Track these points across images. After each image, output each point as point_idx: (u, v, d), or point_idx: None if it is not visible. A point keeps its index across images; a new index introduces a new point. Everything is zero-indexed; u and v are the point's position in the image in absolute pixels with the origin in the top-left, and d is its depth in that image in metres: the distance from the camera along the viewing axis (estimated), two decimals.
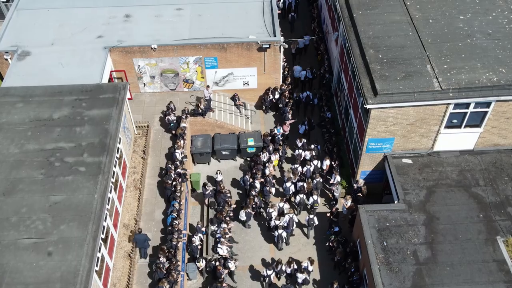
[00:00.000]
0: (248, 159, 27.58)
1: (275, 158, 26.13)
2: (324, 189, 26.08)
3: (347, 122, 26.66)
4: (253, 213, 24.05)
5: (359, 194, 24.17)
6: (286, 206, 24.36)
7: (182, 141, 24.84)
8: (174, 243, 21.14)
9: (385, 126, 22.06)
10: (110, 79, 27.29)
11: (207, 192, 24.35)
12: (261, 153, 26.22)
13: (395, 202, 21.87)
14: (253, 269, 23.45)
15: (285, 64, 30.08)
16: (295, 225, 24.06)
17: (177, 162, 24.10)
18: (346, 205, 23.88)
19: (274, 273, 22.06)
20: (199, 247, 22.84)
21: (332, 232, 23.06)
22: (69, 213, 19.23)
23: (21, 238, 18.54)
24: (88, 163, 20.92)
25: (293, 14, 35.46)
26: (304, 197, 24.76)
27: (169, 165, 23.93)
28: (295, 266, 22.13)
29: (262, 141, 26.92)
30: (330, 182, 25.13)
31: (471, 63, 21.70)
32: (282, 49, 27.15)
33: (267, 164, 25.58)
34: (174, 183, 23.30)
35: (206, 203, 24.99)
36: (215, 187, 24.80)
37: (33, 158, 21.05)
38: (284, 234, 23.50)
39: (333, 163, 25.49)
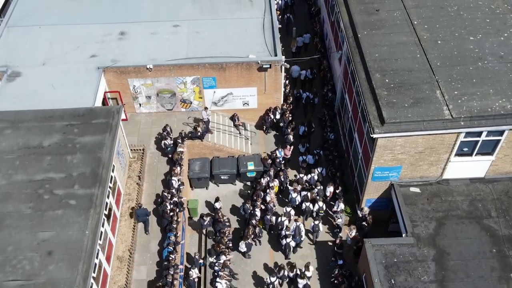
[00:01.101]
0: (248, 183, 26.48)
1: (275, 183, 25.00)
2: (327, 215, 24.99)
3: (351, 145, 25.56)
4: (253, 243, 22.93)
5: (364, 223, 23.07)
6: (292, 212, 23.81)
7: (178, 168, 23.74)
8: (169, 280, 20.03)
9: (392, 155, 20.96)
10: (104, 100, 26.20)
11: (205, 223, 23.26)
12: (261, 178, 25.10)
13: (403, 235, 20.77)
14: (256, 276, 22.95)
15: (286, 82, 28.97)
16: (303, 235, 23.21)
17: (174, 190, 22.98)
18: (351, 235, 22.79)
19: (277, 279, 21.42)
20: (196, 280, 21.74)
21: (336, 265, 21.95)
22: (58, 252, 18.10)
23: (6, 280, 17.43)
24: (79, 196, 19.80)
25: (289, 15, 34.52)
26: (310, 205, 23.99)
27: (165, 193, 22.81)
28: (298, 272, 21.51)
29: (263, 165, 25.81)
30: (334, 209, 24.03)
31: (483, 88, 20.59)
32: (283, 69, 26.04)
33: (267, 190, 24.47)
34: (171, 213, 22.18)
35: (204, 232, 23.89)
36: (213, 216, 23.69)
37: (21, 190, 19.93)
38: (292, 243, 22.92)
39: (336, 189, 24.38)
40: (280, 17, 33.08)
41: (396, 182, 22.31)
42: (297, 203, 24.37)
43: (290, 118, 27.55)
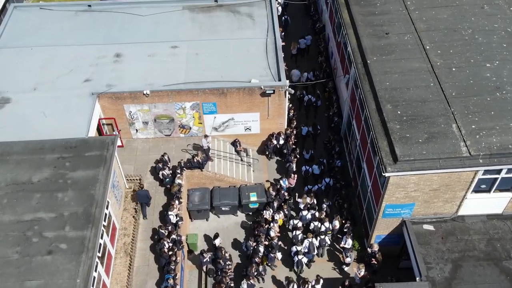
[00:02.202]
0: (250, 213, 25.16)
1: (280, 216, 23.66)
2: (334, 250, 23.67)
3: (359, 175, 24.23)
4: (255, 284, 21.57)
5: (374, 261, 21.73)
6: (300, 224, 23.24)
7: (177, 202, 22.39)
8: None
9: (405, 192, 19.63)
10: (99, 126, 24.86)
11: (204, 260, 21.93)
12: (264, 211, 23.75)
13: (417, 279, 19.44)
14: None
15: (290, 105, 27.63)
16: (316, 250, 22.53)
17: (171, 227, 21.64)
18: (359, 274, 21.45)
19: None
20: None
21: None
22: None
23: None
24: (70, 239, 18.45)
25: (286, 17, 33.59)
26: (318, 224, 23.12)
27: (162, 231, 21.46)
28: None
29: (266, 195, 24.47)
30: (341, 245, 22.70)
31: (502, 122, 19.26)
32: (287, 94, 24.70)
33: (271, 224, 23.13)
34: (169, 252, 20.83)
35: (204, 270, 22.55)
36: (213, 252, 22.35)
37: (8, 233, 18.59)
38: (305, 260, 22.33)
39: (344, 223, 23.06)
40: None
41: (409, 219, 20.99)
42: (307, 221, 23.53)
43: (293, 146, 26.22)
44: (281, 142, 26.50)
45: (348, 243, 22.38)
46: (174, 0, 29.79)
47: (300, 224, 23.23)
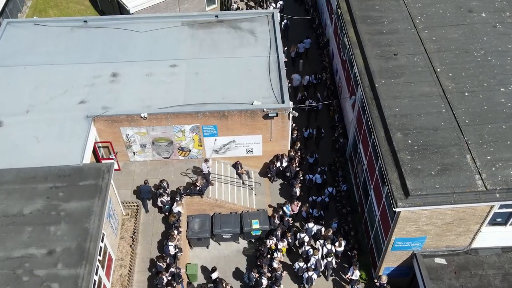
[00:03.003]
0: (253, 240, 24.14)
1: (283, 245, 22.64)
2: (341, 280, 22.68)
3: (366, 200, 23.22)
4: None
5: None
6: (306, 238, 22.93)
7: (175, 232, 21.38)
8: None
9: (416, 226, 18.62)
10: (95, 149, 23.83)
11: None
12: (267, 240, 22.70)
13: None
14: None
15: (294, 125, 26.61)
16: (322, 266, 22.06)
17: (170, 259, 20.62)
18: None
19: None
20: None
21: None
22: None
23: None
24: (62, 278, 17.47)
25: (286, 21, 33.12)
26: (324, 241, 22.61)
27: (160, 263, 20.44)
28: None
29: (269, 222, 23.46)
30: (348, 276, 21.68)
31: None
32: (291, 116, 23.68)
33: (274, 254, 22.13)
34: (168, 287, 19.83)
35: None
36: (214, 285, 21.33)
37: None
38: (315, 276, 21.76)
39: (351, 252, 22.06)
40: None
41: (419, 252, 19.98)
42: (313, 233, 23.10)
43: (297, 168, 25.22)
44: (284, 164, 25.49)
45: (356, 274, 21.38)
46: (173, 15, 28.89)
47: (307, 239, 22.75)
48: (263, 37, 27.03)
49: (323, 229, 22.95)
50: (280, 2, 34.87)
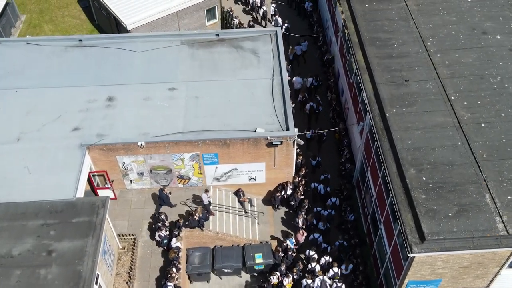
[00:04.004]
0: (256, 274, 22.95)
1: (288, 281, 21.45)
2: None
3: (375, 232, 22.02)
4: None
5: None
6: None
7: (174, 269, 20.19)
8: None
9: (431, 270, 17.44)
10: (89, 179, 22.66)
11: None
12: (271, 276, 21.51)
13: None
14: None
15: (298, 151, 25.41)
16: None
17: None
18: None
19: None
20: None
21: None
22: None
23: None
24: None
25: (287, 25, 32.50)
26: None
27: None
28: None
29: (273, 257, 22.27)
30: None
31: None
32: (296, 144, 22.52)
33: None
34: None
35: None
36: None
37: None
38: None
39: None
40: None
41: None
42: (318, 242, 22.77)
43: (302, 196, 24.04)
44: (289, 192, 24.31)
45: None
46: (172, 33, 27.70)
47: (316, 256, 22.16)
48: (266, 58, 25.84)
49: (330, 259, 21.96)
50: (286, 24, 33.49)
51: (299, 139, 22.17)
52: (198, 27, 33.39)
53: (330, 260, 21.82)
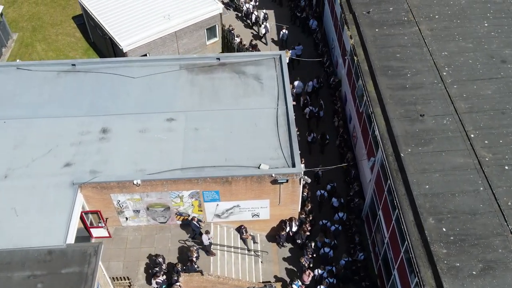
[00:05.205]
0: None
1: None
2: None
3: (388, 276, 20.56)
4: None
5: None
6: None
7: None
8: None
9: None
10: (82, 219, 21.22)
11: None
12: None
13: None
14: None
15: (304, 183, 23.91)
16: None
17: None
18: None
19: None
20: None
21: None
22: None
23: None
24: None
25: (285, 31, 32.10)
26: None
27: None
28: None
29: None
30: None
31: None
32: (302, 181, 21.07)
33: None
34: None
35: None
36: None
37: None
38: None
39: None
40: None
41: None
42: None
43: (308, 233, 22.61)
44: (294, 229, 22.88)
45: None
46: (170, 57, 26.24)
47: (325, 275, 21.44)
48: (269, 84, 24.38)
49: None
50: (283, 31, 32.60)
51: (306, 177, 20.72)
52: (198, 47, 31.96)
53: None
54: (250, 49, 30.94)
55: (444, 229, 16.29)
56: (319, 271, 21.78)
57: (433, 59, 21.93)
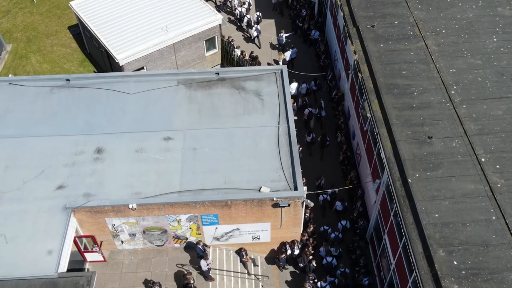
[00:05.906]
0: None
1: None
2: None
3: None
4: None
5: None
6: None
7: None
8: None
9: None
10: (75, 243, 20.39)
11: None
12: None
13: None
14: None
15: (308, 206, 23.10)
16: None
17: None
18: None
19: None
20: None
21: None
22: None
23: None
24: None
25: (282, 34, 31.88)
26: None
27: None
28: None
29: None
30: None
31: None
32: (304, 205, 20.24)
33: None
34: None
35: None
36: None
37: None
38: None
39: None
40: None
41: None
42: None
43: (311, 257, 21.78)
44: (296, 252, 22.05)
45: None
46: (167, 72, 25.39)
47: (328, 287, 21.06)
48: (271, 101, 23.56)
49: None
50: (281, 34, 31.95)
51: (308, 201, 19.87)
52: (196, 59, 31.11)
53: None
54: (250, 60, 30.11)
55: (455, 262, 15.47)
56: (322, 283, 21.02)
57: (441, 77, 21.10)
